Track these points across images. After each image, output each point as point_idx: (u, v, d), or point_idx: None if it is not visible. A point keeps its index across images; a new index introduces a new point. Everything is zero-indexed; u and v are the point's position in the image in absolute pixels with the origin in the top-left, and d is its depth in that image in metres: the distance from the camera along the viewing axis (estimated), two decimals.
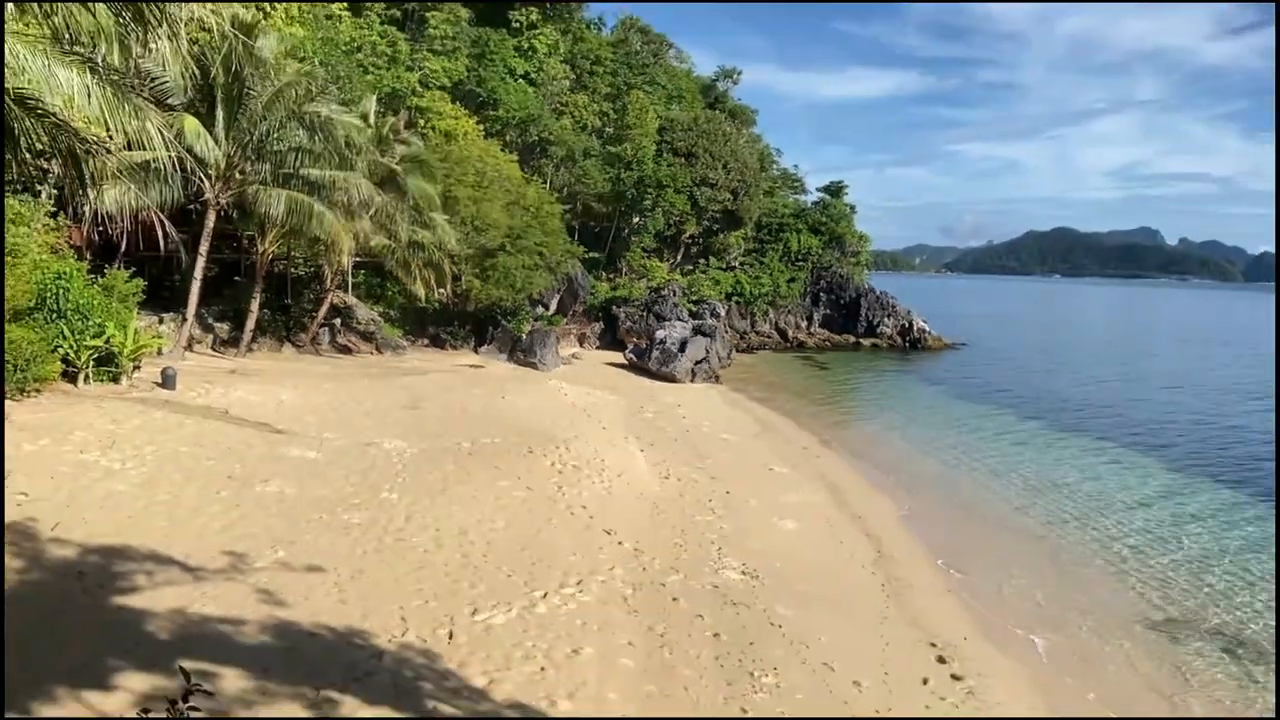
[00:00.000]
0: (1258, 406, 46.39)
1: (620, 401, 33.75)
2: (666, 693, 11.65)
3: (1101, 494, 27.02)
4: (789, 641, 13.87)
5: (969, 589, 17.96)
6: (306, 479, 17.62)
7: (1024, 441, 35.23)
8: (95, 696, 8.57)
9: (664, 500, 20.72)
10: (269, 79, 29.42)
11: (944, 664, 14.04)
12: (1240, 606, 18.11)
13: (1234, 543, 22.69)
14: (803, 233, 68.91)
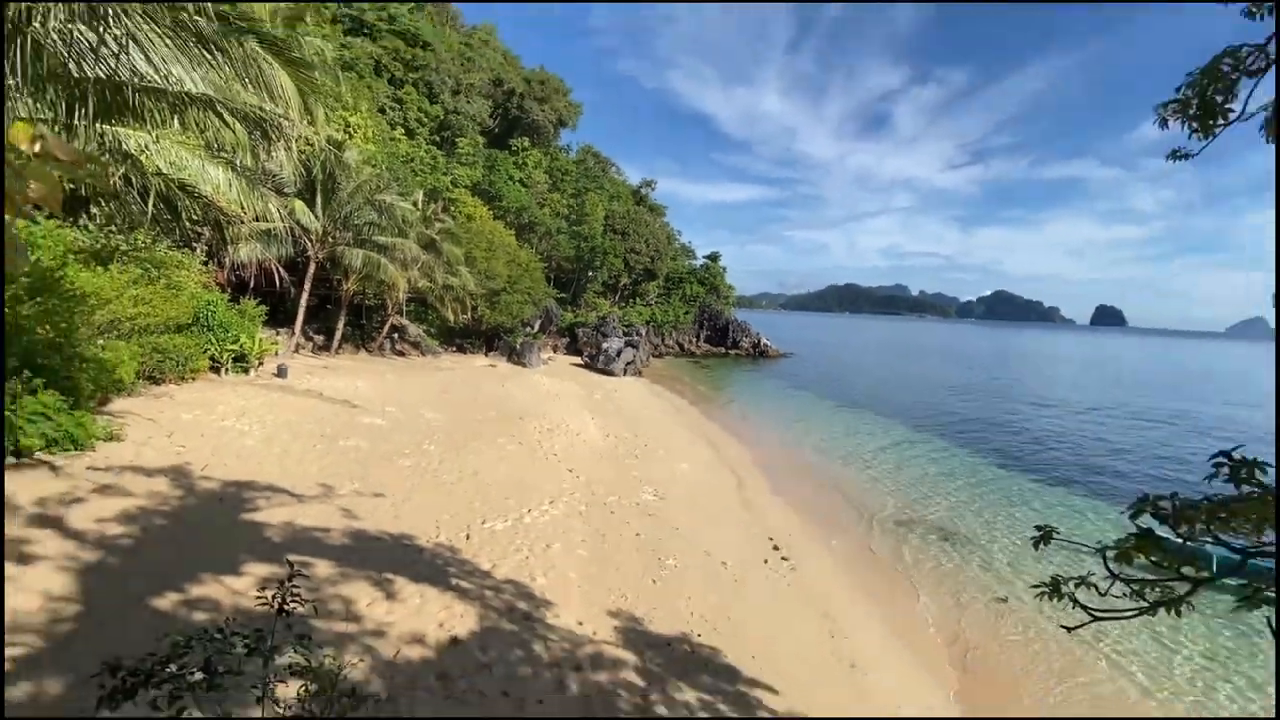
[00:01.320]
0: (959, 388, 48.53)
1: (578, 389, 33.64)
2: (605, 571, 11.76)
3: (868, 443, 27.94)
4: (684, 538, 14.05)
5: (793, 504, 18.41)
6: (374, 437, 17.23)
7: (828, 412, 36.31)
8: (229, 579, 8.33)
9: (606, 450, 20.75)
10: (351, 177, 28.77)
11: (777, 550, 14.41)
12: (946, 511, 18.93)
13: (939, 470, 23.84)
14: (694, 284, 70.03)
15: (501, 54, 61.24)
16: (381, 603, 8.58)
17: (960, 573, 14.74)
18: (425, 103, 48.30)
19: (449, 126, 50.06)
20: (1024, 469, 25.09)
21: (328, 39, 34.67)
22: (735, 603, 11.42)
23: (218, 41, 7.69)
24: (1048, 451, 28.85)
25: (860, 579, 13.96)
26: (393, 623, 8.16)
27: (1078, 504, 20.61)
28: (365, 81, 42.94)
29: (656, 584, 11.54)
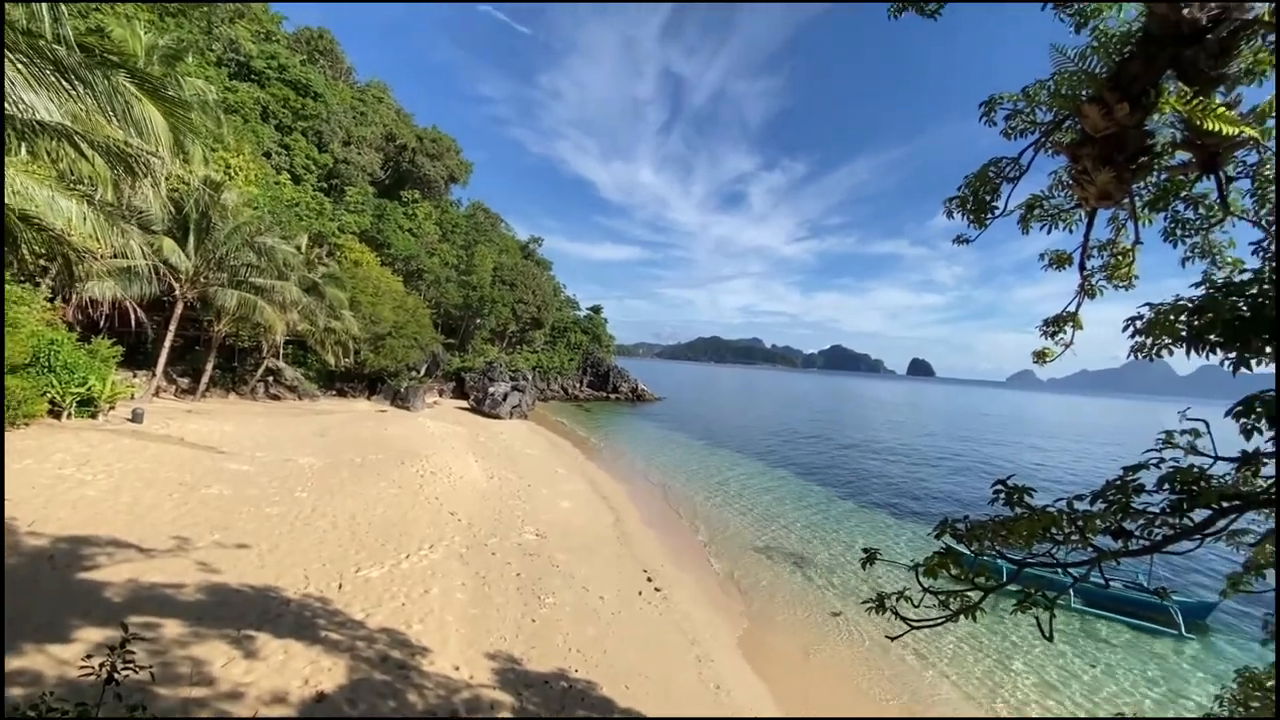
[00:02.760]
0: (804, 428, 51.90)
1: (464, 431, 32.20)
2: (485, 613, 11.11)
3: (737, 478, 28.95)
4: (563, 575, 13.65)
5: (665, 536, 18.52)
6: (240, 484, 15.35)
7: (695, 449, 37.25)
8: (55, 648, 6.98)
9: (489, 492, 19.88)
10: (229, 218, 26.34)
11: (651, 581, 14.35)
12: (797, 537, 19.88)
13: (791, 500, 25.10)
14: (578, 333, 70.38)
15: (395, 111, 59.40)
16: (239, 662, 7.51)
17: (808, 593, 15.44)
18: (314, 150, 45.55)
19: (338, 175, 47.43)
20: (860, 496, 27.11)
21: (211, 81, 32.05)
22: (611, 635, 11.19)
23: (78, 72, 6.85)
24: (877, 480, 31.42)
25: (724, 604, 14.21)
26: (251, 683, 7.15)
27: (902, 525, 22.49)
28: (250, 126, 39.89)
29: (536, 622, 11.08)
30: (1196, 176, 4.74)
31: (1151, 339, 3.74)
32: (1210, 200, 4.84)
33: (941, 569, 3.57)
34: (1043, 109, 5.07)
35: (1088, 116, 4.47)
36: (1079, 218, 5.23)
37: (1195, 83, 4.30)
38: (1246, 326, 2.79)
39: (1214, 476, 3.12)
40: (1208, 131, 4.23)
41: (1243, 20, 4.18)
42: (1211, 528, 3.11)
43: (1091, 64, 4.69)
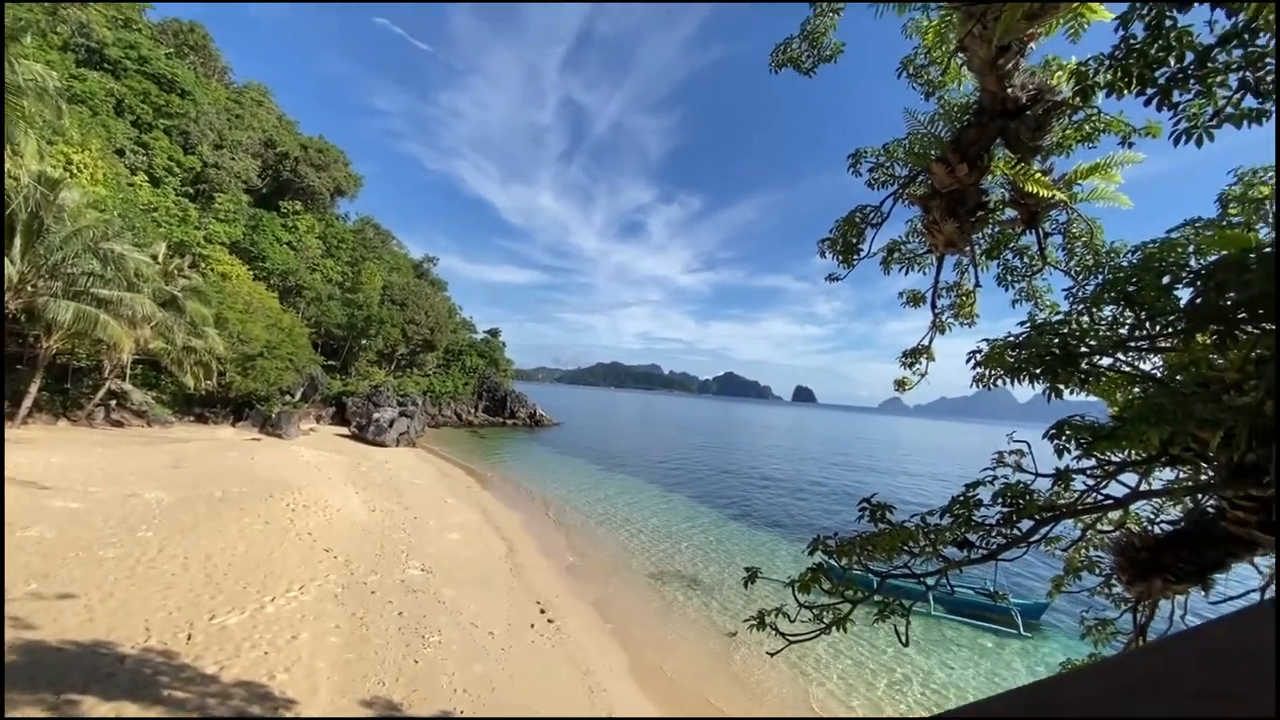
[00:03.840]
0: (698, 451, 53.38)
1: (344, 460, 29.96)
2: (363, 656, 10.28)
3: (633, 502, 29.04)
4: (450, 611, 12.96)
5: (560, 565, 18.14)
6: (67, 524, 13.28)
7: (593, 474, 37.03)
8: None
9: (370, 525, 18.54)
10: (66, 220, 23.15)
11: (544, 613, 13.96)
12: (693, 564, 20.24)
13: (684, 523, 25.55)
14: (474, 356, 68.06)
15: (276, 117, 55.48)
16: None
17: (701, 615, 15.69)
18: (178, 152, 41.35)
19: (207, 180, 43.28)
20: (748, 517, 28.13)
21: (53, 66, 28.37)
22: (501, 671, 10.73)
23: None
24: (763, 501, 32.80)
25: (619, 630, 14.09)
26: None
27: (786, 544, 23.56)
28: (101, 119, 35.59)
29: (419, 663, 10.40)
30: (1022, 231, 5.50)
31: (988, 370, 4.24)
32: (1032, 251, 5.63)
33: (814, 584, 3.78)
34: (900, 164, 5.68)
35: (935, 173, 5.06)
36: (930, 262, 5.88)
37: (1018, 151, 5.01)
38: (1056, 361, 3.24)
39: (1035, 491, 3.57)
40: (1028, 193, 4.92)
41: (1054, 101, 4.94)
42: (1034, 535, 3.55)
43: (938, 128, 5.32)
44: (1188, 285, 3.60)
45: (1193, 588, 4.21)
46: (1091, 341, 3.74)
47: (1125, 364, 4.16)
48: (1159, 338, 3.93)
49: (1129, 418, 3.12)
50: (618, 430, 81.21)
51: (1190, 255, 4.05)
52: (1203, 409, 2.91)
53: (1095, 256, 5.20)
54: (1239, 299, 3.25)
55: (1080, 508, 3.61)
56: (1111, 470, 3.56)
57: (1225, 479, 3.10)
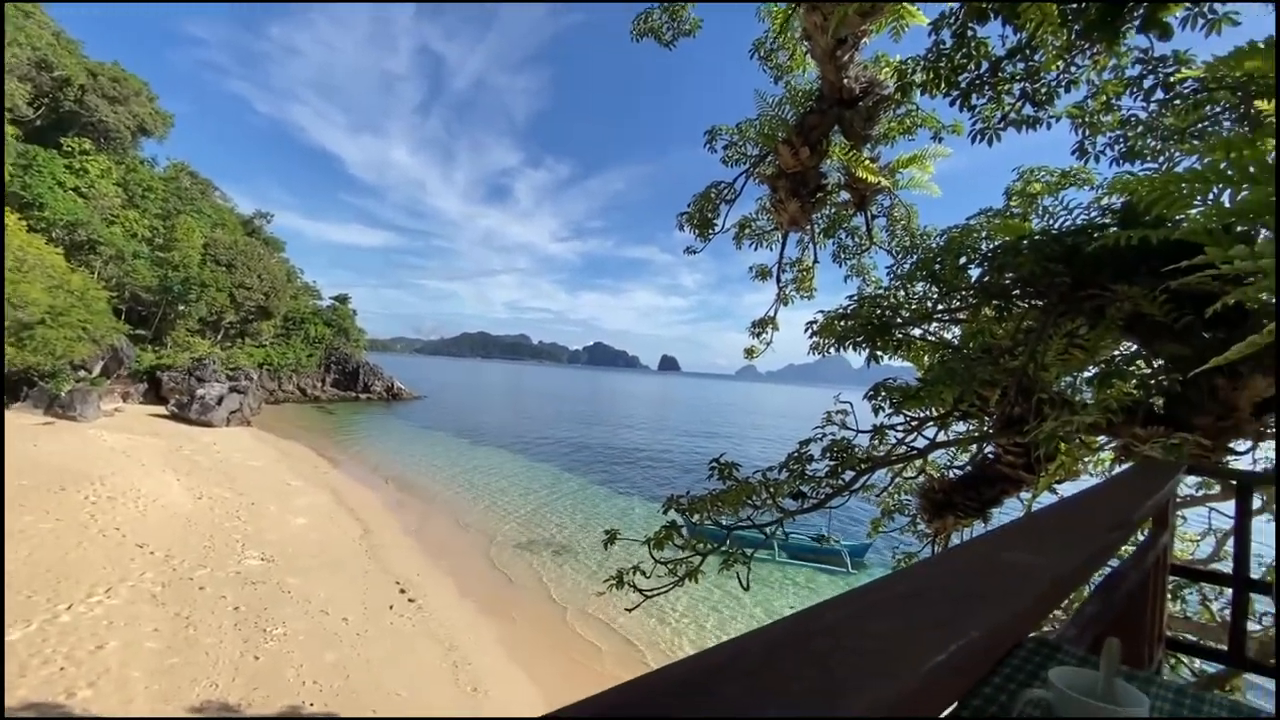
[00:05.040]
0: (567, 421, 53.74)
1: (161, 443, 26.19)
2: (190, 659, 9.26)
3: (501, 474, 28.58)
4: (296, 601, 12.04)
5: (424, 542, 17.49)
6: None
7: (459, 448, 35.84)
8: None
9: (197, 515, 16.51)
10: None
11: (404, 593, 13.45)
12: (558, 527, 20.49)
13: (553, 492, 25.79)
14: (319, 325, 61.93)
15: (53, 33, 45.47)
16: None
17: (568, 579, 15.98)
18: None
19: None
20: (615, 483, 28.93)
21: None
22: (357, 657, 10.19)
23: None
24: (630, 466, 33.90)
25: (484, 604, 13.94)
26: None
27: (650, 506, 24.62)
28: None
29: (260, 659, 9.57)
30: (853, 213, 6.08)
31: (823, 338, 4.68)
32: (861, 232, 6.25)
33: (668, 540, 3.99)
34: (752, 143, 5.98)
35: (781, 155, 5.39)
36: (776, 239, 6.32)
37: (852, 139, 5.48)
38: (874, 330, 3.65)
39: (856, 446, 4.03)
40: (859, 178, 5.42)
41: (881, 95, 5.44)
42: (856, 484, 4.02)
43: (785, 112, 5.65)
44: (978, 266, 4.20)
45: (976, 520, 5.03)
46: (904, 313, 4.27)
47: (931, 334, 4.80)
48: (957, 311, 4.58)
49: (929, 380, 3.61)
50: (484, 402, 79.01)
51: (982, 240, 4.71)
52: (983, 371, 3.45)
53: (911, 238, 5.89)
54: (1014, 278, 3.87)
55: (892, 458, 4.14)
56: (916, 425, 4.12)
57: (999, 429, 3.72)
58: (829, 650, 0.51)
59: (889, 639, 0.55)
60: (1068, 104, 4.30)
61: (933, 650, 0.52)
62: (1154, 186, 2.16)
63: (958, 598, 0.67)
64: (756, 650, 0.53)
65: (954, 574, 0.78)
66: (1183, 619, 4.27)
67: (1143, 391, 3.10)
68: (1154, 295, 2.88)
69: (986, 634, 0.59)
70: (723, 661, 0.50)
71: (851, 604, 0.63)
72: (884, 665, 0.49)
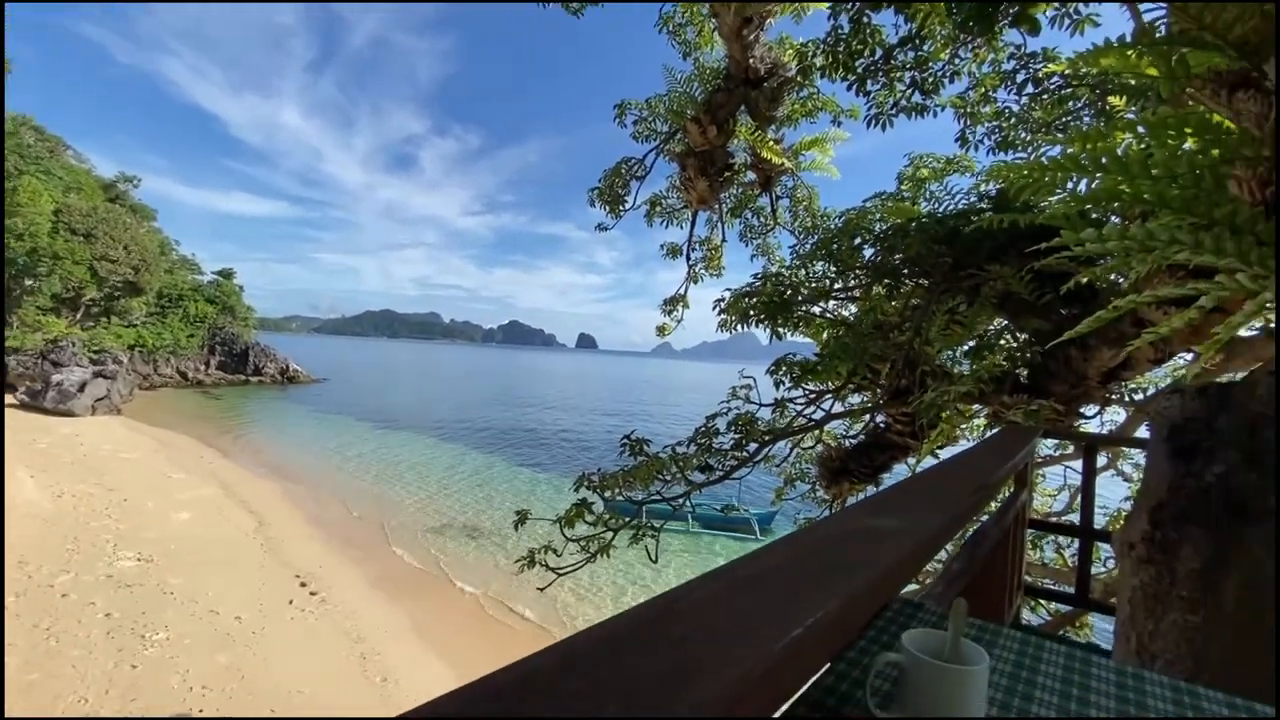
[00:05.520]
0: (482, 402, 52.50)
1: (7, 437, 23.03)
2: (53, 674, 8.33)
3: (411, 458, 27.52)
4: (180, 601, 11.11)
5: (327, 533, 16.57)
6: None
7: (365, 433, 34.07)
8: None
9: (58, 515, 14.74)
10: None
11: (305, 586, 12.71)
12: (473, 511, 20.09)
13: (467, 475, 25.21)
14: (200, 302, 56.22)
15: None
16: None
17: (483, 561, 15.72)
18: None
19: None
20: (532, 464, 28.62)
21: None
22: (252, 657, 9.54)
23: None
24: (545, 446, 33.66)
25: (395, 592, 13.45)
26: None
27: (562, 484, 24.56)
28: None
29: (138, 668, 8.76)
30: (759, 193, 6.22)
31: (730, 316, 4.77)
32: (766, 212, 6.41)
33: (579, 518, 3.97)
34: (661, 119, 5.94)
35: (690, 132, 5.39)
36: (686, 217, 6.36)
37: (757, 119, 5.56)
38: (776, 308, 3.75)
39: (759, 419, 4.16)
40: (764, 159, 5.52)
41: (785, 77, 5.54)
42: (759, 456, 4.16)
43: (694, 89, 5.64)
44: (871, 246, 4.41)
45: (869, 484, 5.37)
46: (805, 291, 4.42)
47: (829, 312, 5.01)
48: (853, 289, 4.80)
49: (826, 354, 3.78)
50: (392, 384, 75.43)
51: (876, 222, 4.95)
52: (874, 346, 3.64)
53: (813, 219, 6.11)
54: (903, 259, 4.09)
55: (792, 430, 4.32)
56: (814, 397, 4.31)
57: (888, 400, 3.96)
58: (687, 634, 0.50)
59: (748, 616, 0.54)
60: (952, 94, 4.57)
61: (790, 625, 0.51)
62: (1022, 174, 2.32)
63: (822, 568, 0.68)
64: (623, 632, 0.51)
65: (822, 544, 0.80)
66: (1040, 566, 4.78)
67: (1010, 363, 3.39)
68: (1021, 275, 3.13)
69: (848, 602, 0.60)
70: (582, 649, 0.48)
71: (720, 580, 0.62)
72: (740, 645, 0.48)
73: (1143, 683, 0.79)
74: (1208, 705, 0.75)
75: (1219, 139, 1.89)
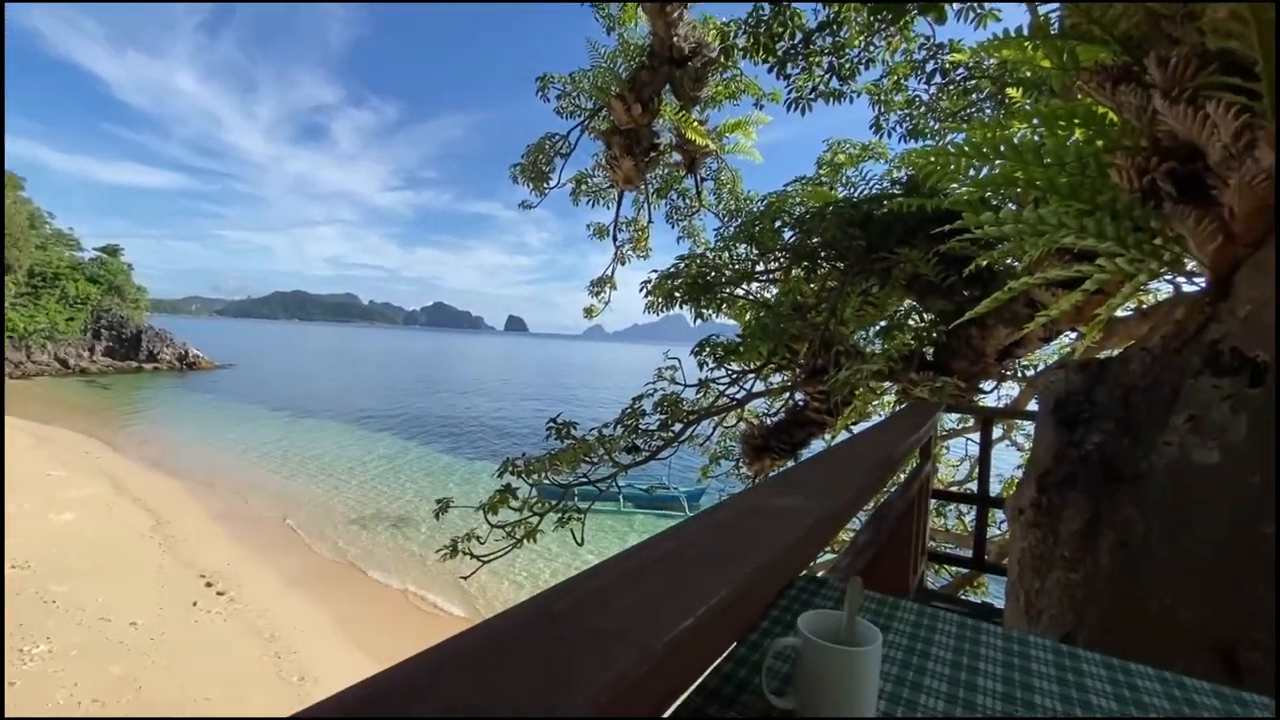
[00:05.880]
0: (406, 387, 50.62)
1: None
2: None
3: (321, 449, 26.13)
4: (63, 610, 10.13)
5: (236, 529, 15.51)
6: None
7: (277, 422, 32.02)
8: None
9: None
10: None
11: (211, 587, 11.89)
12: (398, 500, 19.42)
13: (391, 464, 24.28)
14: (81, 282, 50.64)
15: None
16: None
17: (407, 551, 15.23)
18: None
19: None
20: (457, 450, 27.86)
21: None
22: (151, 665, 8.84)
23: None
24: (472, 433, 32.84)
25: (314, 587, 12.80)
26: None
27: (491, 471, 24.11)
28: None
29: (16, 684, 7.92)
30: (684, 175, 6.21)
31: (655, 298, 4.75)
32: (691, 194, 6.42)
33: (503, 504, 3.87)
34: (585, 95, 5.79)
35: (615, 110, 5.28)
36: (613, 197, 6.27)
37: (682, 99, 5.52)
38: (699, 289, 3.76)
39: (684, 399, 4.19)
40: (689, 140, 5.50)
41: (709, 56, 5.52)
42: (684, 435, 4.19)
43: (618, 66, 5.52)
44: (791, 229, 4.50)
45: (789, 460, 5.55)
46: (728, 273, 4.46)
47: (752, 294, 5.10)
48: (774, 271, 4.89)
49: (748, 335, 3.84)
50: (305, 370, 71.17)
51: (796, 206, 5.05)
52: (793, 327, 3.73)
53: (736, 202, 6.17)
54: (820, 242, 4.19)
55: (716, 409, 4.38)
56: (736, 377, 4.38)
57: (805, 379, 4.07)
58: (565, 634, 0.46)
59: (634, 610, 0.51)
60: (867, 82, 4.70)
61: (681, 615, 0.48)
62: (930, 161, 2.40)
63: (720, 551, 0.66)
64: (505, 633, 0.47)
65: (721, 526, 0.78)
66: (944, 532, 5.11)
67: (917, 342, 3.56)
68: (928, 258, 3.28)
69: (743, 585, 0.59)
70: (457, 653, 0.43)
71: (615, 568, 0.58)
72: (620, 644, 0.44)
73: (1027, 646, 0.82)
74: (1087, 666, 0.78)
75: (1103, 130, 2.01)
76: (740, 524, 0.78)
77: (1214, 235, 1.58)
